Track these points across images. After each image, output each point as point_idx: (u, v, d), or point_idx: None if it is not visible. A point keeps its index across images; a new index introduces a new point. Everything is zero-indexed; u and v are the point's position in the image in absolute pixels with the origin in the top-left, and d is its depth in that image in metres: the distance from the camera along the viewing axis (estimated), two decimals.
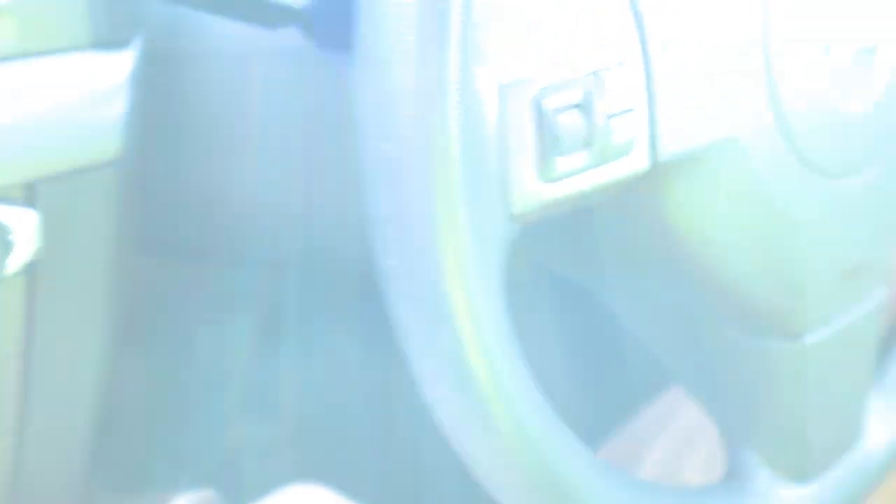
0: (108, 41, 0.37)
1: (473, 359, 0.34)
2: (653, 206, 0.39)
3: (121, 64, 0.37)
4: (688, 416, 0.68)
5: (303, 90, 0.44)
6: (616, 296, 0.49)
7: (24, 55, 0.35)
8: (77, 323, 0.39)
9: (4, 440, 0.40)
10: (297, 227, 0.49)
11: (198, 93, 0.43)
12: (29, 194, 0.35)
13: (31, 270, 0.37)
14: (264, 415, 0.75)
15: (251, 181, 0.46)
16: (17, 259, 0.35)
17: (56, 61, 0.36)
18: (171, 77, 0.43)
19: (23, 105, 0.35)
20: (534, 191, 0.35)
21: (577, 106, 0.35)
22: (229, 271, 0.56)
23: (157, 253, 0.49)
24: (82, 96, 0.36)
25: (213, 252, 0.50)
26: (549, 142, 0.34)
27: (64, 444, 0.42)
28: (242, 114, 0.44)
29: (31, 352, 0.38)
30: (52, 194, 0.35)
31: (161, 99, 0.42)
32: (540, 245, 0.48)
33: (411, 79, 0.31)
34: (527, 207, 0.35)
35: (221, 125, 0.44)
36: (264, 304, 0.62)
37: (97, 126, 0.36)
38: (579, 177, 0.35)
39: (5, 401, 0.39)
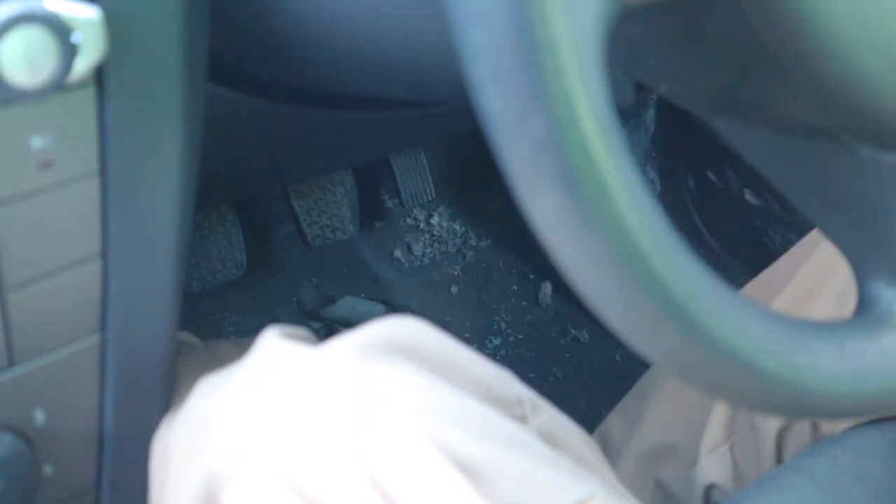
0: None
1: (571, 147, 0.30)
2: None
3: None
4: (810, 269, 0.63)
5: None
6: (724, 115, 0.44)
7: None
8: (152, 142, 0.37)
9: (90, 264, 0.39)
10: (378, 59, 0.46)
11: None
12: None
13: (99, 79, 0.35)
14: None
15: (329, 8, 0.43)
16: (85, 63, 0.33)
17: None
18: None
19: None
20: None
21: None
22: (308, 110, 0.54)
23: (233, 84, 0.47)
24: None
25: (291, 88, 0.48)
26: None
27: (149, 265, 0.40)
28: None
29: (109, 171, 0.37)
30: None
31: None
32: (641, 61, 0.44)
33: None
34: None
35: None
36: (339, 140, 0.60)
37: None
38: None
39: (87, 222, 0.38)
